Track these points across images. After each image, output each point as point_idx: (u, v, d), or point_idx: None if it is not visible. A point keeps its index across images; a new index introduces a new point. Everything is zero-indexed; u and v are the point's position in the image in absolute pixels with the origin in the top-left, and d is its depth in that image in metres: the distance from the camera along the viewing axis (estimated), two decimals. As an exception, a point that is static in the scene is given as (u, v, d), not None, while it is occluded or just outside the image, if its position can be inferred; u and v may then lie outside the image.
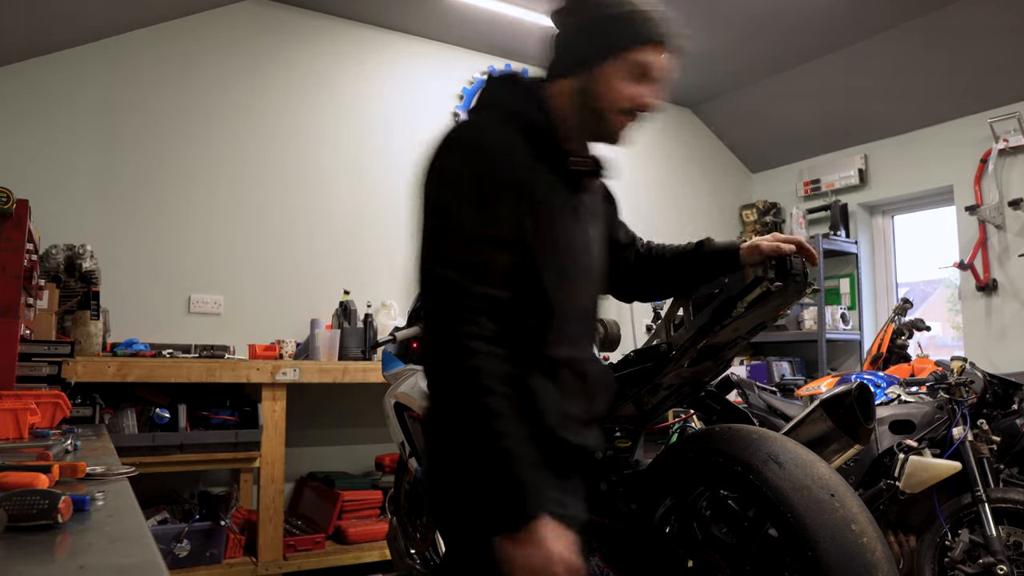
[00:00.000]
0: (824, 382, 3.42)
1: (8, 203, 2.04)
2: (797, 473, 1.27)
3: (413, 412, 2.20)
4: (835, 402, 2.26)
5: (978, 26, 3.97)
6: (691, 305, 1.40)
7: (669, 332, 1.43)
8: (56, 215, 3.37)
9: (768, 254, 1.32)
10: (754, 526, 1.43)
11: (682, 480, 1.50)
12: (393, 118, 4.34)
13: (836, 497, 1.23)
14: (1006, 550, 2.46)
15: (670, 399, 1.63)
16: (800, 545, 1.20)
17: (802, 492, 1.24)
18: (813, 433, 2.30)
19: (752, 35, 4.37)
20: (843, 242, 4.96)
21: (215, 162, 3.79)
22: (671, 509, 1.55)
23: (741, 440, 1.37)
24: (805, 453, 1.33)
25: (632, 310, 5.04)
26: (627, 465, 1.72)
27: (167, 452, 3.00)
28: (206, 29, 3.83)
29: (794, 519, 1.22)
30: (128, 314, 3.49)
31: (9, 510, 0.83)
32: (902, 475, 2.58)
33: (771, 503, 1.26)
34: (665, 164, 5.46)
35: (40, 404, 1.89)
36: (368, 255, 4.17)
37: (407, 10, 4.15)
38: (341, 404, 3.98)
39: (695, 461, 1.44)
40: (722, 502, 1.52)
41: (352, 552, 3.38)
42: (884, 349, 4.05)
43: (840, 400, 2.25)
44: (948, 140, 4.58)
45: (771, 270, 1.29)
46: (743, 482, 1.31)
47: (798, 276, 1.29)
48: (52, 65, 3.46)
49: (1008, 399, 2.83)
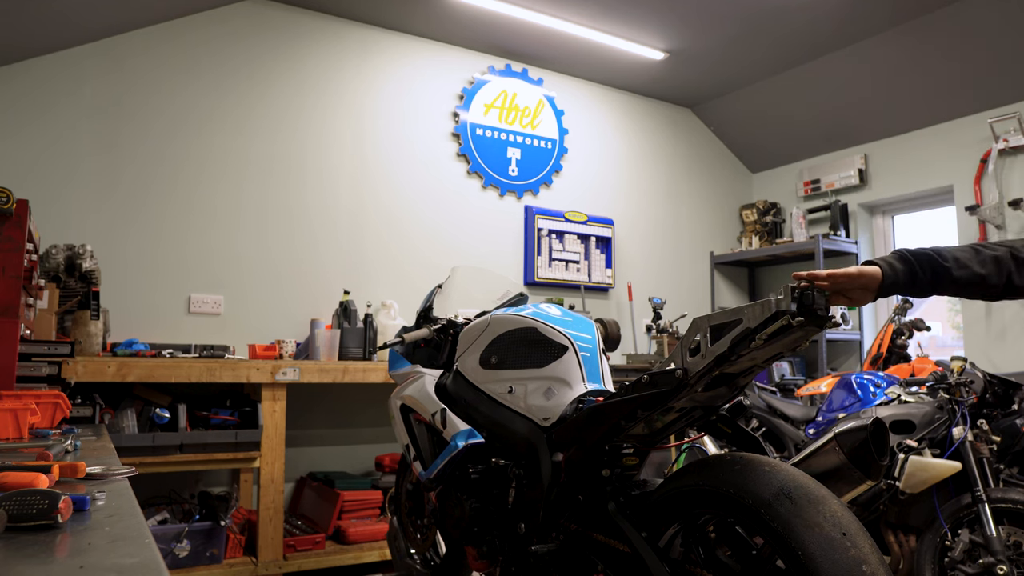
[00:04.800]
0: (824, 382, 3.42)
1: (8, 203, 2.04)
2: (809, 510, 1.26)
3: (419, 415, 2.19)
4: (849, 436, 2.26)
5: (978, 26, 3.97)
6: (709, 331, 1.38)
7: (685, 357, 1.42)
8: (56, 215, 3.37)
9: None
10: (762, 557, 1.42)
11: (690, 507, 1.49)
12: (393, 118, 4.34)
13: (848, 536, 1.22)
14: (1006, 550, 2.46)
15: (681, 420, 1.62)
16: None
17: (813, 530, 1.23)
18: (825, 465, 2.30)
19: (752, 35, 4.38)
20: (843, 242, 4.97)
21: (215, 162, 3.79)
22: (677, 533, 1.55)
23: (752, 471, 1.36)
24: (817, 488, 1.31)
25: (632, 310, 5.05)
26: (634, 485, 1.72)
27: (167, 452, 3.00)
28: (206, 29, 3.83)
29: (804, 557, 1.21)
30: (128, 314, 3.49)
31: (9, 510, 0.83)
32: (902, 475, 2.58)
33: (781, 539, 1.25)
34: (665, 164, 5.46)
35: (40, 404, 1.89)
36: (368, 255, 4.17)
37: (407, 10, 4.15)
38: (341, 404, 3.98)
39: (704, 490, 1.43)
40: (729, 527, 1.51)
41: (352, 552, 3.38)
42: (884, 349, 4.05)
43: (854, 435, 2.25)
44: (948, 140, 4.58)
45: (793, 303, 1.27)
46: (753, 516, 1.31)
47: (820, 311, 1.27)
48: (52, 65, 3.46)
49: (1008, 399, 2.83)
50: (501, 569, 1.87)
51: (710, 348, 1.37)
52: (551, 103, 4.89)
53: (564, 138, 4.94)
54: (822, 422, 3.08)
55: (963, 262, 1.46)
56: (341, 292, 3.97)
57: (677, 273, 5.43)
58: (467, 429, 1.96)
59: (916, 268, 1.46)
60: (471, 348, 2.09)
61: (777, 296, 1.29)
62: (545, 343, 1.89)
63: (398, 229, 4.30)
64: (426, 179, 4.43)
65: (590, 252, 4.95)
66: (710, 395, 1.53)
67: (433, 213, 4.43)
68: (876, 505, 2.67)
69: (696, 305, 5.44)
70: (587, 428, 1.62)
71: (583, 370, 1.85)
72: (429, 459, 2.15)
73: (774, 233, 5.47)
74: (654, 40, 4.49)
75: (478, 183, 4.61)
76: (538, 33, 4.41)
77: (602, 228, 4.99)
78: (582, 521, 1.71)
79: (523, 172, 4.76)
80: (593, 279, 4.95)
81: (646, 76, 5.04)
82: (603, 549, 1.63)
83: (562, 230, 4.83)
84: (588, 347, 1.91)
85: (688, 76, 5.04)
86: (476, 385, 2.02)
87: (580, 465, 1.68)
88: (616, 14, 4.16)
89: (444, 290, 2.59)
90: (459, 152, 4.55)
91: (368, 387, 3.95)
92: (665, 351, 4.65)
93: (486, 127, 4.64)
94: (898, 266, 1.46)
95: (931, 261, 1.46)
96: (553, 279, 4.79)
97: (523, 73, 4.81)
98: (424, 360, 2.35)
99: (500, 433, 1.90)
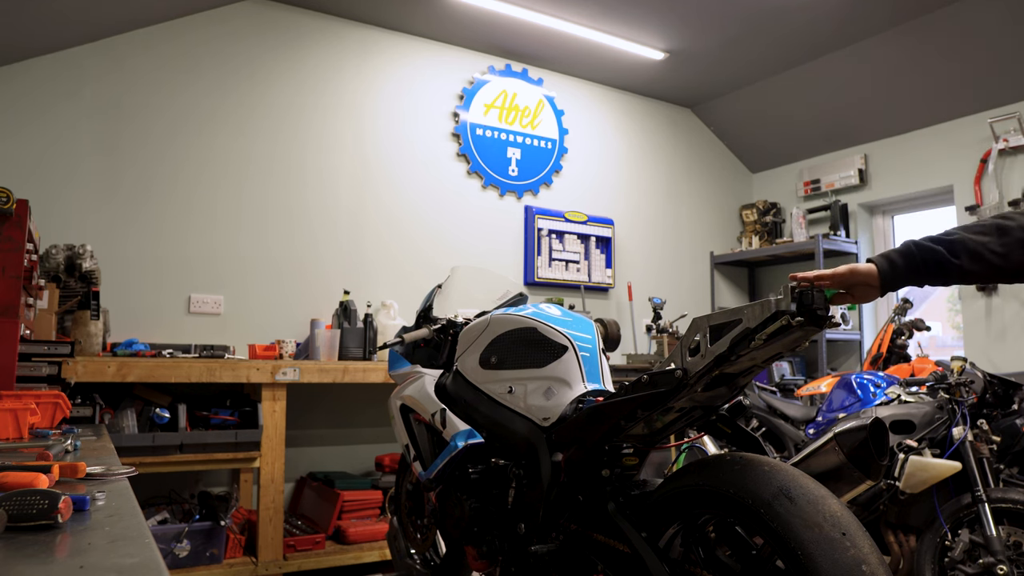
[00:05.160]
0: (824, 382, 3.42)
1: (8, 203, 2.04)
2: (808, 510, 1.26)
3: (419, 415, 2.19)
4: (849, 436, 2.26)
5: (978, 26, 3.97)
6: (708, 331, 1.38)
7: (685, 357, 1.42)
8: (56, 215, 3.37)
9: None
10: (761, 557, 1.42)
11: (690, 507, 1.49)
12: (393, 118, 4.34)
13: (847, 536, 1.22)
14: (1006, 550, 2.46)
15: (681, 420, 1.62)
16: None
17: (813, 530, 1.23)
18: (825, 465, 2.30)
19: (752, 35, 4.38)
20: (843, 242, 4.96)
21: (215, 162, 3.79)
22: (677, 533, 1.55)
23: (752, 471, 1.37)
24: (816, 488, 1.32)
25: (632, 310, 5.05)
26: (634, 485, 1.72)
27: (167, 452, 3.00)
28: (206, 29, 3.83)
29: (804, 557, 1.21)
30: (128, 314, 3.49)
31: (9, 510, 0.83)
32: (902, 475, 2.58)
33: (781, 539, 1.25)
34: (665, 164, 5.46)
35: (40, 404, 1.89)
36: (368, 255, 4.17)
37: (407, 10, 4.15)
38: (341, 404, 3.98)
39: (704, 490, 1.43)
40: (729, 527, 1.51)
41: (352, 552, 3.38)
42: (884, 349, 4.05)
43: (854, 435, 2.25)
44: (948, 140, 4.58)
45: (793, 303, 1.27)
46: (753, 515, 1.31)
47: (819, 311, 1.27)
48: (52, 65, 3.46)
49: (1008, 399, 2.83)
50: (501, 569, 1.87)
51: (710, 348, 1.37)
52: (551, 103, 4.89)
53: (564, 138, 4.94)
54: (822, 422, 3.08)
55: (977, 254, 1.36)
56: (341, 292, 3.97)
57: (677, 273, 5.43)
58: (467, 429, 1.96)
59: (919, 263, 1.39)
60: (471, 348, 2.09)
61: (777, 296, 1.29)
62: (545, 343, 1.89)
63: (398, 229, 4.30)
64: (426, 179, 4.43)
65: (590, 252, 4.95)
66: (710, 395, 1.53)
67: (433, 213, 4.43)
68: (876, 505, 2.67)
69: (696, 305, 5.44)
70: (587, 428, 1.62)
71: (583, 370, 1.85)
72: (429, 459, 2.15)
73: (774, 233, 5.47)
74: (654, 40, 4.49)
75: (478, 183, 4.61)
76: (538, 33, 4.41)
77: (602, 228, 4.99)
78: (582, 521, 1.71)
79: (523, 172, 4.76)
80: (593, 279, 4.95)
81: (646, 76, 5.04)
82: (603, 549, 1.63)
83: (562, 230, 4.83)
84: (588, 347, 1.91)
85: (688, 76, 5.04)
86: (476, 385, 2.02)
87: (580, 465, 1.68)
88: (616, 14, 4.16)
89: (444, 290, 2.59)
90: (459, 152, 4.55)
91: (368, 387, 3.95)
92: (665, 351, 4.65)
93: (486, 127, 4.64)
94: (898, 261, 1.41)
95: (937, 258, 1.38)
96: (553, 279, 4.79)
97: (523, 73, 4.81)
98: (424, 360, 2.35)
99: (500, 433, 1.90)
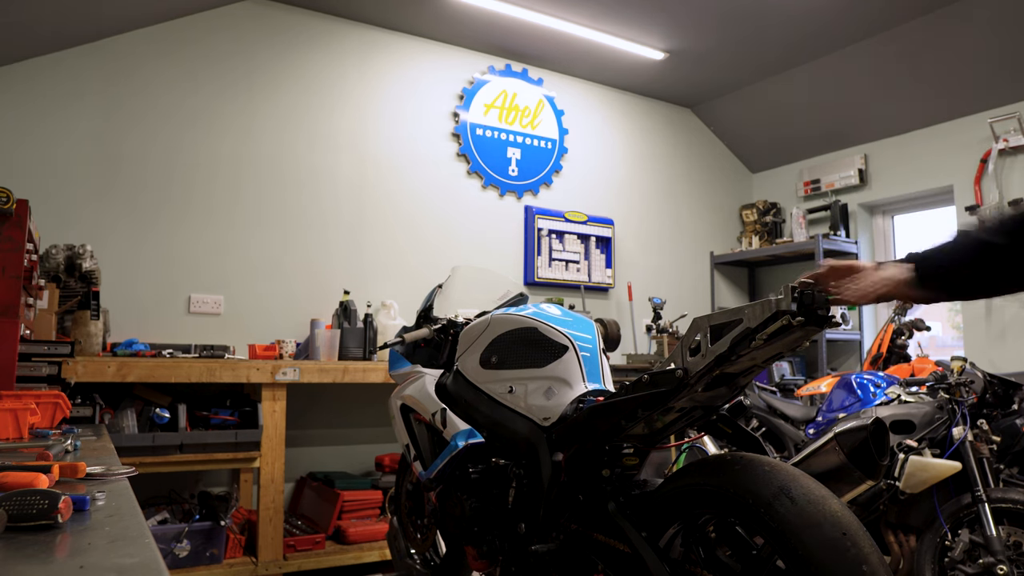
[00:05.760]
0: (824, 382, 3.42)
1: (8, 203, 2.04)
2: (809, 509, 1.26)
3: (419, 415, 2.19)
4: (849, 436, 2.26)
5: (978, 26, 3.97)
6: (709, 331, 1.38)
7: (685, 357, 1.42)
8: (56, 215, 3.37)
9: None
10: (762, 557, 1.42)
11: (690, 507, 1.49)
12: (393, 118, 4.34)
13: (848, 536, 1.22)
14: (1006, 550, 2.46)
15: (681, 420, 1.62)
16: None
17: (813, 530, 1.23)
18: (825, 465, 2.30)
19: (752, 35, 4.38)
20: (843, 242, 4.96)
21: (215, 162, 3.79)
22: (677, 533, 1.55)
23: (752, 471, 1.36)
24: (817, 488, 1.31)
25: (632, 310, 5.05)
26: (634, 485, 1.72)
27: (167, 452, 3.00)
28: (206, 29, 3.83)
29: (805, 556, 1.21)
30: (128, 314, 3.49)
31: (9, 510, 0.83)
32: (902, 475, 2.58)
33: (781, 539, 1.25)
34: (665, 164, 5.46)
35: (40, 404, 1.89)
36: (368, 255, 4.17)
37: (408, 10, 4.15)
38: (341, 404, 3.98)
39: (705, 490, 1.43)
40: (729, 527, 1.51)
41: (352, 552, 3.38)
42: (884, 349, 4.05)
43: (854, 435, 2.25)
44: (948, 140, 4.58)
45: (793, 303, 1.27)
46: (753, 515, 1.31)
47: (820, 311, 1.26)
48: (53, 65, 3.46)
49: (1008, 399, 2.83)
50: (501, 569, 1.87)
51: (710, 348, 1.37)
52: (551, 103, 4.89)
53: (564, 138, 4.94)
54: (822, 422, 3.08)
55: None
56: (341, 292, 3.97)
57: (677, 273, 5.43)
58: (467, 429, 1.96)
59: None
60: (471, 348, 2.09)
61: (777, 296, 1.29)
62: (545, 343, 1.89)
63: (398, 229, 4.30)
64: (426, 179, 4.43)
65: (590, 252, 4.95)
66: (710, 395, 1.53)
67: (433, 213, 4.43)
68: (876, 505, 2.67)
69: (696, 305, 5.44)
70: (587, 428, 1.62)
71: (583, 370, 1.85)
72: (429, 459, 2.15)
73: (774, 233, 5.47)
74: (654, 40, 4.49)
75: (478, 183, 4.61)
76: (538, 33, 4.41)
77: (602, 228, 4.99)
78: (582, 521, 1.71)
79: (523, 172, 4.76)
80: (593, 279, 4.95)
81: (646, 76, 5.04)
82: (603, 549, 1.63)
83: (562, 230, 4.83)
84: (588, 347, 1.91)
85: (688, 76, 5.04)
86: (476, 385, 2.02)
87: (580, 465, 1.68)
88: (616, 14, 4.16)
89: (444, 290, 2.59)
90: (459, 152, 4.55)
91: (368, 387, 3.95)
92: (665, 351, 4.65)
93: (486, 127, 4.64)
94: None
95: None
96: (553, 279, 4.79)
97: (523, 73, 4.80)
98: (424, 360, 2.35)
99: (500, 433, 1.90)
